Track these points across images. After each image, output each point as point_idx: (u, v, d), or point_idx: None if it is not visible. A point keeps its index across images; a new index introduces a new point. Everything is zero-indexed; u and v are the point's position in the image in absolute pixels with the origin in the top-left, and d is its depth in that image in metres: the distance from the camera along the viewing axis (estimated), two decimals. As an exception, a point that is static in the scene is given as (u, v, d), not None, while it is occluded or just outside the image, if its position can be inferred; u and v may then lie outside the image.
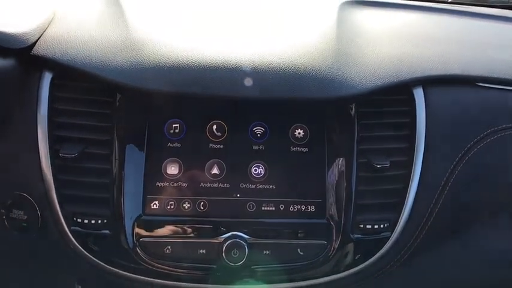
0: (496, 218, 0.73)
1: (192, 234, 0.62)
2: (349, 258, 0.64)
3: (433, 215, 0.66)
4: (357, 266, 0.64)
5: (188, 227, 0.63)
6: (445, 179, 0.66)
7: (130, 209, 0.62)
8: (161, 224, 0.63)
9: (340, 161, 0.65)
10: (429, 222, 0.66)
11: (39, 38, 0.63)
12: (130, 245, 0.61)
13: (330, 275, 0.64)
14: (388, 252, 0.65)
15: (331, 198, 0.65)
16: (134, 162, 0.63)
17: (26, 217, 0.62)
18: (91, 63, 0.61)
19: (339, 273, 0.64)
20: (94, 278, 0.63)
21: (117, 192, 0.62)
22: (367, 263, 0.65)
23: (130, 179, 0.62)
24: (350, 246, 0.64)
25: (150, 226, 0.62)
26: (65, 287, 0.67)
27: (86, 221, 0.61)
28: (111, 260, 0.62)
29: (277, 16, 0.77)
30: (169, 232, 0.62)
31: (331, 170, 0.65)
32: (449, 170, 0.67)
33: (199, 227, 0.63)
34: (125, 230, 0.61)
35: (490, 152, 0.69)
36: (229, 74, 0.60)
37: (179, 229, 0.63)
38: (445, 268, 0.71)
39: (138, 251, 0.61)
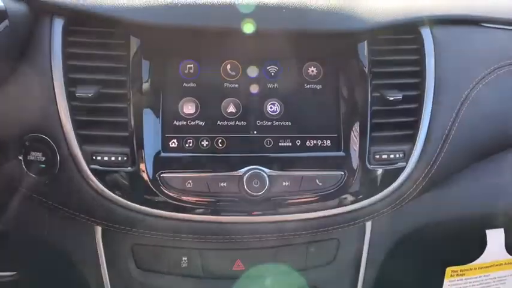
0: (505, 153, 0.75)
1: (212, 169, 0.63)
2: (366, 188, 0.66)
3: (445, 147, 0.68)
4: (374, 195, 0.66)
5: (208, 163, 0.63)
6: (456, 111, 0.68)
7: (149, 146, 0.62)
8: (181, 160, 0.63)
9: (354, 96, 0.67)
10: (442, 153, 0.67)
11: None
12: (152, 180, 0.62)
13: (348, 205, 0.65)
14: (404, 182, 0.66)
15: (346, 132, 0.66)
16: (151, 101, 0.64)
17: (44, 158, 0.61)
18: (99, 6, 0.61)
19: (357, 202, 0.65)
20: (115, 215, 0.63)
21: (136, 131, 0.62)
22: (384, 192, 0.66)
23: (148, 118, 0.63)
24: (367, 176, 0.66)
25: (170, 162, 0.63)
26: (85, 227, 0.66)
27: (106, 158, 0.61)
28: (133, 196, 0.62)
29: None
30: (190, 167, 0.63)
31: (345, 105, 0.67)
32: (459, 104, 0.69)
33: (219, 162, 0.63)
34: (146, 166, 0.62)
35: (497, 85, 0.71)
36: (239, 8, 0.61)
37: (199, 164, 0.63)
38: (457, 200, 0.73)
39: (160, 185, 0.62)
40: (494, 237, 0.76)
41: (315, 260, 0.69)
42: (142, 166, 0.62)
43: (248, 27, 0.61)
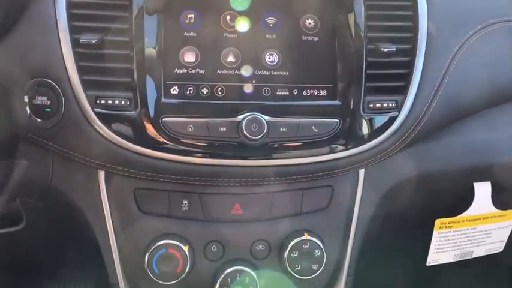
0: (494, 109, 0.78)
1: (212, 115, 0.65)
2: (360, 135, 0.69)
3: (436, 98, 0.71)
4: (368, 142, 0.69)
5: (208, 109, 0.66)
6: (446, 65, 0.71)
7: (151, 92, 0.64)
8: (182, 106, 0.65)
9: (350, 48, 0.69)
10: (433, 105, 0.70)
11: None
12: (154, 124, 0.64)
13: (342, 151, 0.68)
14: (396, 130, 0.69)
15: (342, 82, 0.68)
16: (153, 49, 0.65)
17: (49, 102, 0.63)
18: None
19: (351, 149, 0.68)
20: (118, 157, 0.65)
21: (138, 76, 0.64)
22: (377, 139, 0.69)
23: (150, 65, 0.65)
24: (361, 124, 0.68)
25: (172, 107, 0.65)
26: (88, 171, 0.69)
27: (109, 102, 0.63)
28: (135, 138, 0.64)
29: None
30: (190, 113, 0.65)
31: (341, 56, 0.69)
32: (450, 58, 0.72)
33: (219, 108, 0.66)
34: (148, 111, 0.64)
35: (488, 42, 0.74)
36: None
37: (199, 110, 0.65)
38: (446, 152, 0.76)
39: (162, 129, 0.64)
40: (482, 190, 0.80)
41: (309, 205, 0.72)
42: (144, 110, 0.64)
43: None
